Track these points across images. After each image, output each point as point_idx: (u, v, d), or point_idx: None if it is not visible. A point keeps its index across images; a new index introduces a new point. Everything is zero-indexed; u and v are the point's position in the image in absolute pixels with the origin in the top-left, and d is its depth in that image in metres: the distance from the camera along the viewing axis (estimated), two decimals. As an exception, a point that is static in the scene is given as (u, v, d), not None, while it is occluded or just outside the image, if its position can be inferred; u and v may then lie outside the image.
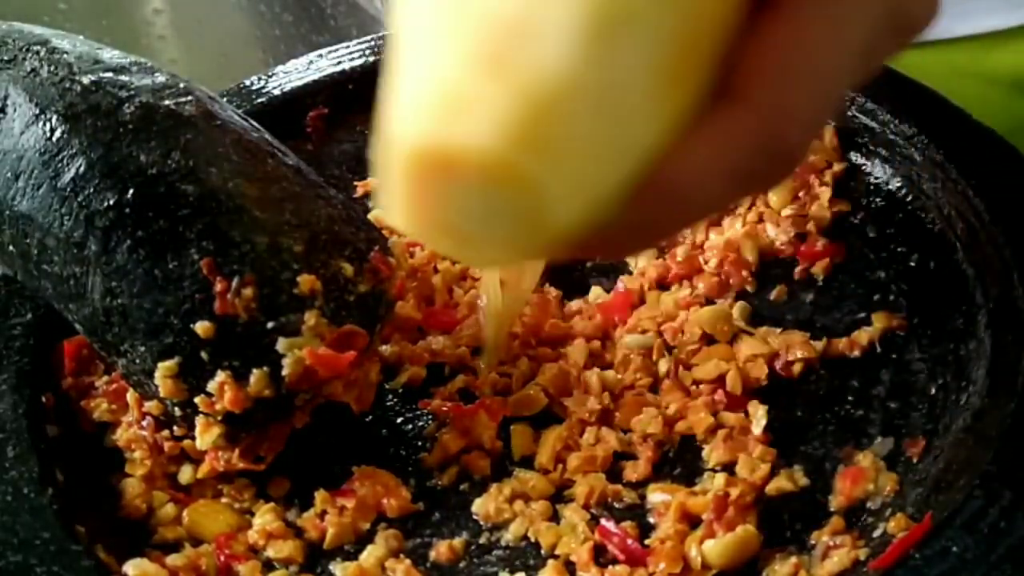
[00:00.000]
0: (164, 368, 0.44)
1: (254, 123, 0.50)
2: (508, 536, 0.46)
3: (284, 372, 0.44)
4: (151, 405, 0.48)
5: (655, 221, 0.33)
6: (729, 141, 0.32)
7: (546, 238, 0.31)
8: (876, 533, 0.43)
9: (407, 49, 0.32)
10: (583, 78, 0.29)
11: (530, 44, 0.29)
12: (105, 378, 0.51)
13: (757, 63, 0.32)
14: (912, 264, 0.52)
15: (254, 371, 0.44)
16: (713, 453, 0.47)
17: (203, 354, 0.44)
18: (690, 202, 0.33)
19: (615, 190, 0.31)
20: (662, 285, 0.54)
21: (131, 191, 0.45)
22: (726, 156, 0.32)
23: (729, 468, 0.46)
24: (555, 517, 0.46)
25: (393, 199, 0.31)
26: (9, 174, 0.47)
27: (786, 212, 0.55)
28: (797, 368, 0.49)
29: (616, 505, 0.46)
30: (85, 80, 0.47)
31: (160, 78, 0.48)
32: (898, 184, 0.53)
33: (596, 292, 0.55)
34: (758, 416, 0.47)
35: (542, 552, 0.45)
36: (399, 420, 0.50)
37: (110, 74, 0.48)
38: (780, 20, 0.32)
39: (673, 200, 0.32)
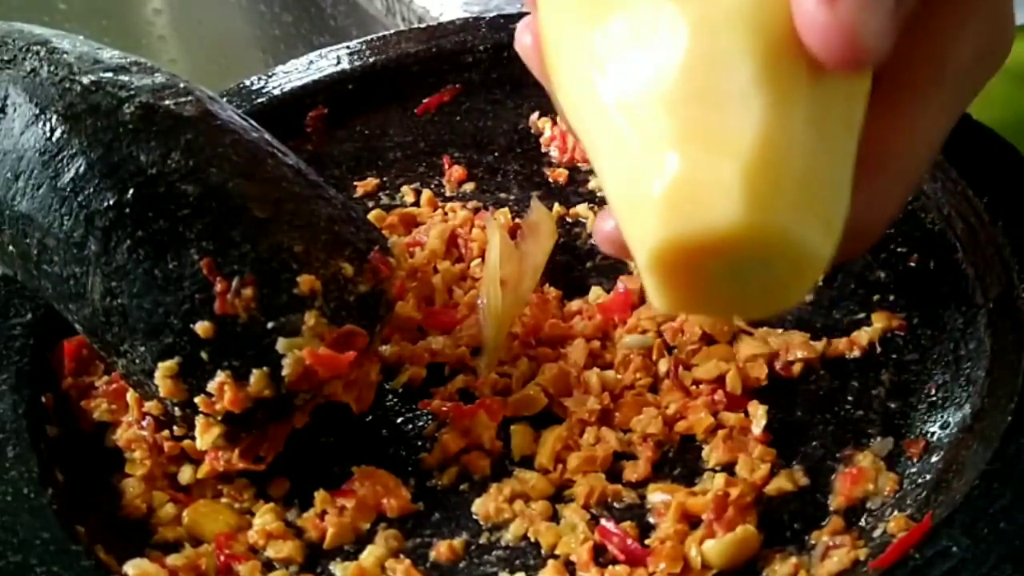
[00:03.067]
0: (164, 368, 0.44)
1: (254, 123, 0.50)
2: (508, 536, 0.46)
3: (284, 372, 0.44)
4: (151, 405, 0.48)
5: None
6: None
7: (814, 277, 0.32)
8: (876, 533, 0.43)
9: (606, 150, 0.32)
10: (789, 124, 0.30)
11: (726, 110, 0.30)
12: (105, 378, 0.51)
13: (876, 148, 0.34)
14: (912, 264, 0.52)
15: (254, 371, 0.44)
16: (713, 453, 0.47)
17: (203, 354, 0.44)
18: None
19: (846, 204, 0.32)
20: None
21: (131, 191, 0.45)
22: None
23: (729, 468, 0.46)
24: (555, 517, 0.46)
25: (658, 293, 0.32)
26: (9, 174, 0.47)
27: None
28: (797, 368, 0.49)
29: (616, 505, 0.46)
30: (85, 80, 0.47)
31: (160, 78, 0.48)
32: (898, 184, 0.53)
33: (596, 292, 0.55)
34: (758, 416, 0.47)
35: (542, 552, 0.45)
36: (399, 420, 0.50)
37: (110, 74, 0.48)
38: (891, 113, 0.34)
39: None
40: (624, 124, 0.32)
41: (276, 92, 0.63)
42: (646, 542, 0.44)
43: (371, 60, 0.64)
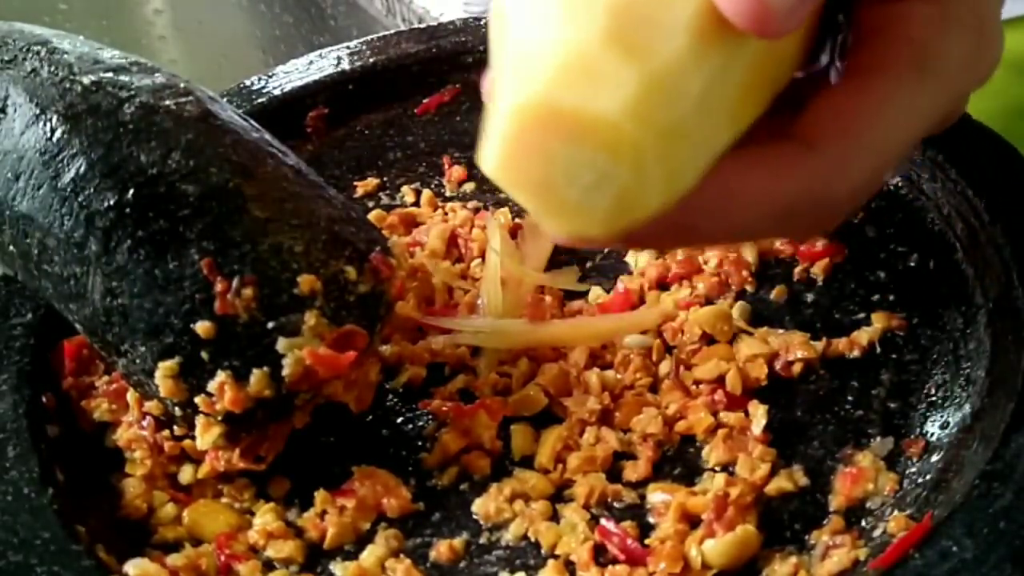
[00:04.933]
0: (164, 368, 0.44)
1: (254, 123, 0.50)
2: (508, 536, 0.46)
3: (284, 372, 0.44)
4: (151, 405, 0.48)
5: (691, 226, 0.35)
6: (785, 175, 0.34)
7: (630, 218, 0.33)
8: (876, 533, 0.43)
9: (527, 14, 0.33)
10: (694, 68, 0.32)
11: (660, 35, 0.31)
12: (105, 378, 0.51)
13: (834, 117, 0.35)
14: (912, 264, 0.52)
15: (254, 371, 0.44)
16: (713, 453, 0.47)
17: (203, 354, 0.44)
18: (729, 218, 0.35)
19: (691, 184, 0.33)
20: (662, 285, 0.54)
21: (131, 191, 0.45)
22: (778, 189, 0.34)
23: (729, 468, 0.46)
24: (555, 517, 0.46)
25: (496, 149, 0.33)
26: (9, 174, 0.47)
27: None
28: (797, 368, 0.49)
29: (616, 505, 0.46)
30: (85, 80, 0.47)
31: (160, 78, 0.49)
32: (898, 184, 0.53)
33: (596, 292, 0.55)
34: (758, 416, 0.47)
35: (542, 552, 0.45)
36: (399, 420, 0.50)
37: (110, 74, 0.48)
38: (866, 88, 0.35)
39: (715, 210, 0.34)
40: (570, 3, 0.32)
41: (276, 92, 0.63)
42: (646, 542, 0.44)
43: (371, 60, 0.64)
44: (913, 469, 0.45)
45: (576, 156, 0.32)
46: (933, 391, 0.48)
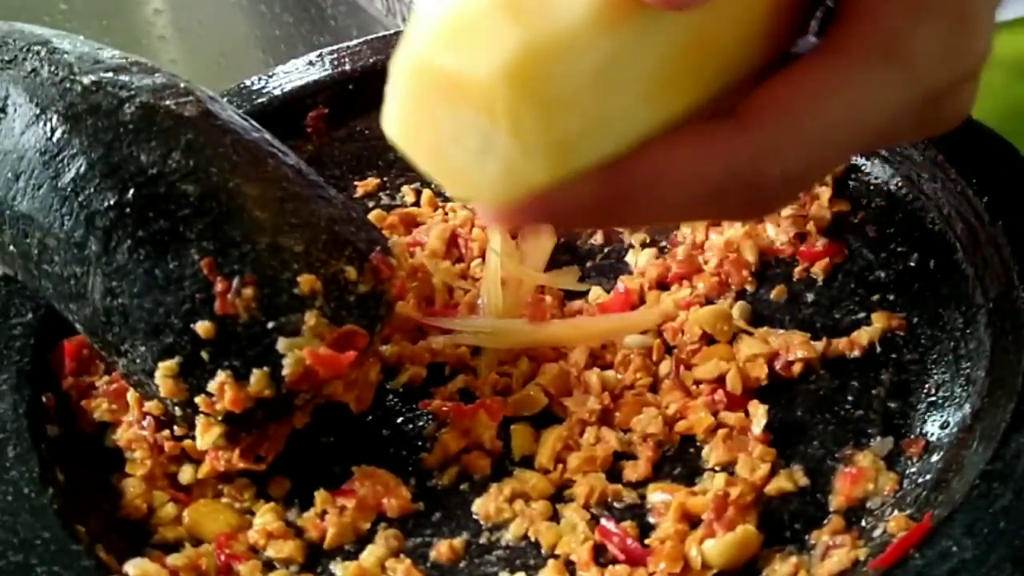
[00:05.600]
0: (164, 368, 0.44)
1: (254, 123, 0.50)
2: (508, 536, 0.46)
3: (284, 372, 0.44)
4: (151, 405, 0.48)
5: (617, 204, 0.33)
6: (712, 154, 0.32)
7: (521, 186, 0.32)
8: (876, 533, 0.43)
9: None
10: (590, 43, 0.30)
11: (556, 2, 0.30)
12: (105, 378, 0.51)
13: (770, 100, 0.33)
14: (912, 264, 0.52)
15: (254, 371, 0.44)
16: (713, 453, 0.47)
17: (203, 354, 0.44)
18: (656, 197, 0.33)
19: (592, 162, 0.32)
20: (662, 285, 0.54)
21: (131, 191, 0.45)
22: (704, 166, 0.32)
23: (729, 468, 0.46)
24: (555, 517, 0.46)
25: (393, 110, 0.32)
26: (10, 174, 0.47)
27: (786, 212, 0.55)
28: (797, 368, 0.49)
29: (616, 505, 0.46)
30: (85, 80, 0.47)
31: (160, 78, 0.48)
32: (898, 184, 0.53)
33: (596, 292, 0.55)
34: (758, 416, 0.47)
35: (542, 552, 0.45)
36: (399, 420, 0.50)
37: (110, 74, 0.48)
38: (816, 70, 0.33)
39: (641, 189, 0.33)
40: None
41: (276, 92, 0.63)
42: (646, 542, 0.44)
43: (371, 60, 0.64)
44: (913, 469, 0.45)
45: (458, 118, 0.31)
46: (933, 391, 0.48)
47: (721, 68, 0.34)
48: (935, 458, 0.45)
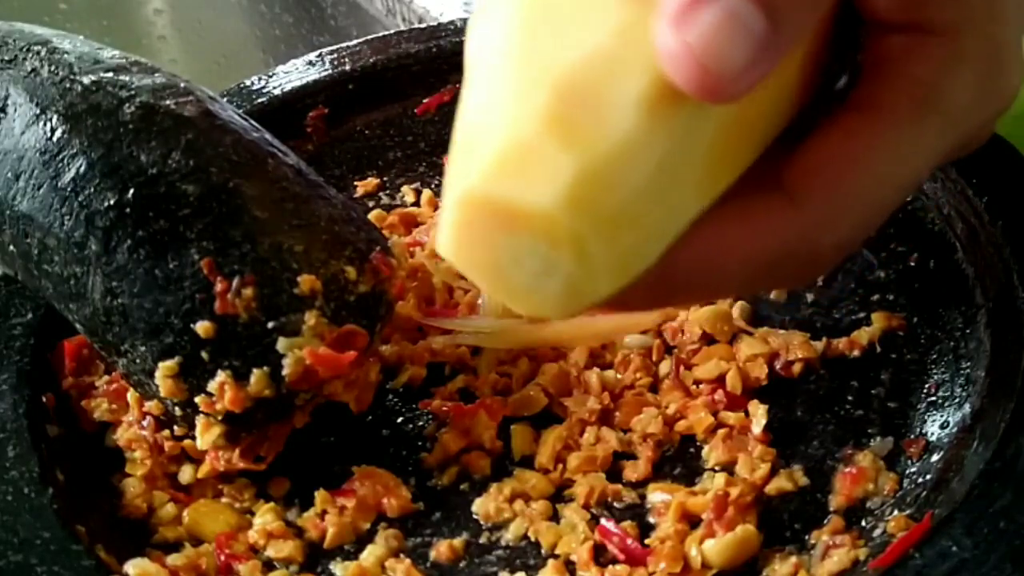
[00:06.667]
0: (164, 368, 0.44)
1: (254, 123, 0.50)
2: (508, 536, 0.46)
3: (284, 372, 0.44)
4: (151, 405, 0.48)
5: (673, 295, 0.34)
6: (765, 234, 0.33)
7: (584, 303, 0.32)
8: (876, 533, 0.43)
9: (481, 91, 0.32)
10: (644, 148, 0.30)
11: (600, 116, 0.30)
12: (105, 378, 0.51)
13: (817, 169, 0.32)
14: (912, 264, 0.52)
15: (254, 371, 0.44)
16: (713, 453, 0.47)
17: (203, 354, 0.44)
18: (711, 283, 0.33)
19: (652, 263, 0.32)
20: (662, 285, 0.54)
21: (131, 191, 0.45)
22: (758, 248, 0.33)
23: (729, 468, 0.46)
24: (555, 517, 0.46)
25: (449, 236, 0.32)
26: (9, 174, 0.47)
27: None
28: (797, 368, 0.49)
29: (616, 505, 0.46)
30: (85, 80, 0.47)
31: (160, 78, 0.48)
32: (898, 184, 0.53)
33: (596, 292, 0.55)
34: (758, 416, 0.47)
35: (542, 552, 0.45)
36: (399, 420, 0.50)
37: (110, 74, 0.48)
38: (860, 131, 0.33)
39: (697, 277, 0.33)
40: (513, 69, 0.31)
41: (276, 92, 0.63)
42: (646, 542, 0.44)
43: (371, 60, 0.64)
44: (913, 469, 0.45)
45: (519, 245, 0.31)
46: (933, 391, 0.48)
47: (763, 135, 0.34)
48: (935, 458, 0.45)
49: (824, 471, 0.46)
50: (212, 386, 0.44)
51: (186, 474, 0.48)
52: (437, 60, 0.64)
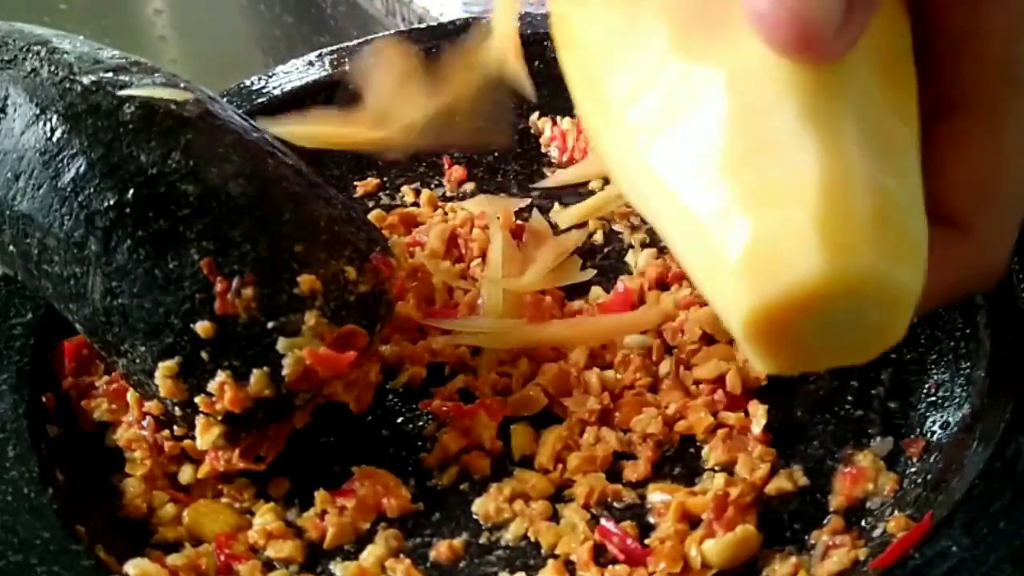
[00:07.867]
0: (164, 368, 0.44)
1: (254, 123, 0.50)
2: (508, 536, 0.46)
3: (284, 372, 0.44)
4: (151, 405, 0.48)
5: None
6: (952, 268, 0.34)
7: (909, 303, 0.31)
8: (876, 533, 0.43)
9: (674, 221, 0.32)
10: (840, 157, 0.30)
11: (780, 159, 0.30)
12: (105, 378, 0.51)
13: (967, 185, 0.33)
14: (912, 264, 0.52)
15: (254, 371, 0.44)
16: (713, 453, 0.47)
17: (203, 354, 0.44)
18: None
19: (923, 222, 0.32)
20: (662, 285, 0.54)
21: (131, 191, 0.45)
22: (948, 281, 0.34)
23: (729, 468, 0.46)
24: (555, 517, 0.46)
25: (762, 359, 0.32)
26: (9, 174, 0.47)
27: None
28: (797, 368, 0.49)
29: (616, 505, 0.46)
30: (85, 80, 0.47)
31: (160, 78, 0.49)
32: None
33: (596, 292, 0.55)
34: (758, 416, 0.47)
35: (542, 552, 0.45)
36: (399, 420, 0.50)
37: (110, 74, 0.48)
38: (976, 140, 0.33)
39: None
40: (684, 197, 0.31)
41: (276, 92, 0.63)
42: (646, 542, 0.44)
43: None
44: (913, 469, 0.45)
45: (824, 318, 0.30)
46: (933, 391, 0.48)
47: (906, 66, 0.34)
48: (935, 458, 0.45)
49: (824, 471, 0.46)
50: (212, 386, 0.44)
51: (186, 474, 0.48)
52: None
